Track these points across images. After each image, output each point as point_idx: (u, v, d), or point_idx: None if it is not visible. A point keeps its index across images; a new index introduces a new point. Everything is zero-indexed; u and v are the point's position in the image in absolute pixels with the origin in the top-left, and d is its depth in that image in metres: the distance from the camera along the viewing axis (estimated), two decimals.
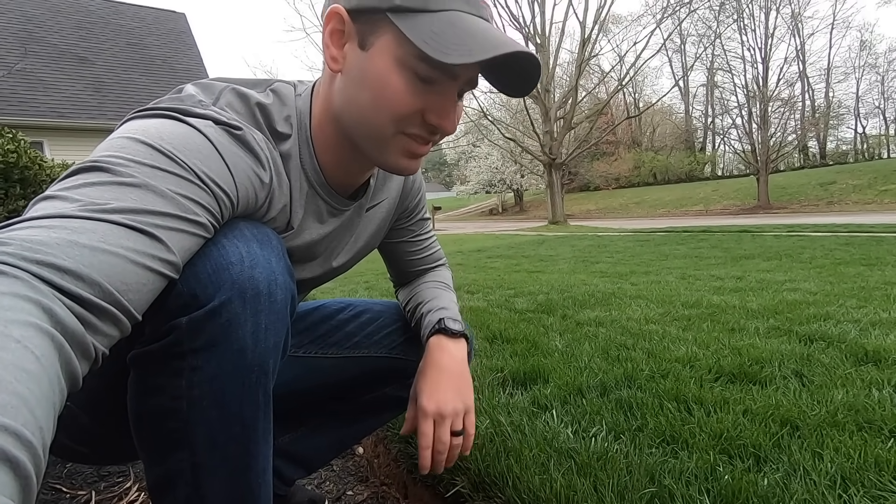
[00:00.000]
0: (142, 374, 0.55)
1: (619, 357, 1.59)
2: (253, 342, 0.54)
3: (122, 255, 0.42)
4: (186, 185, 0.49)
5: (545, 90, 18.35)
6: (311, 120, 0.65)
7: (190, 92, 0.58)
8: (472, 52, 0.52)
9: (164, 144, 0.49)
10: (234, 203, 0.55)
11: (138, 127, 0.51)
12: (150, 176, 0.47)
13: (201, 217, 0.50)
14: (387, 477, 1.23)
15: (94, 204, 0.43)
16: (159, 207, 0.46)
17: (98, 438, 0.68)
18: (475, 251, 8.12)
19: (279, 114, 0.63)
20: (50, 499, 1.11)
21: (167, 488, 0.57)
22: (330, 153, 0.66)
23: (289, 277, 0.58)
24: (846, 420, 1.08)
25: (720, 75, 29.99)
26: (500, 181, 32.78)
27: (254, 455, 0.58)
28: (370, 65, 0.57)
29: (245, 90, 0.61)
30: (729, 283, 3.43)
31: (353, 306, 0.94)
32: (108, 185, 0.45)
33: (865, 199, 20.18)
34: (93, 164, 0.46)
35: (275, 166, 0.61)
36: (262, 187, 0.59)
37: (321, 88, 0.65)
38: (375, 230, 0.82)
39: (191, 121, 0.53)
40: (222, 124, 0.55)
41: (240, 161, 0.55)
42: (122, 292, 0.42)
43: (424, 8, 0.54)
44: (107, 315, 0.41)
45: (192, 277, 0.52)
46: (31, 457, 0.30)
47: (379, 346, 0.90)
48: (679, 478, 0.88)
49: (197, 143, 0.51)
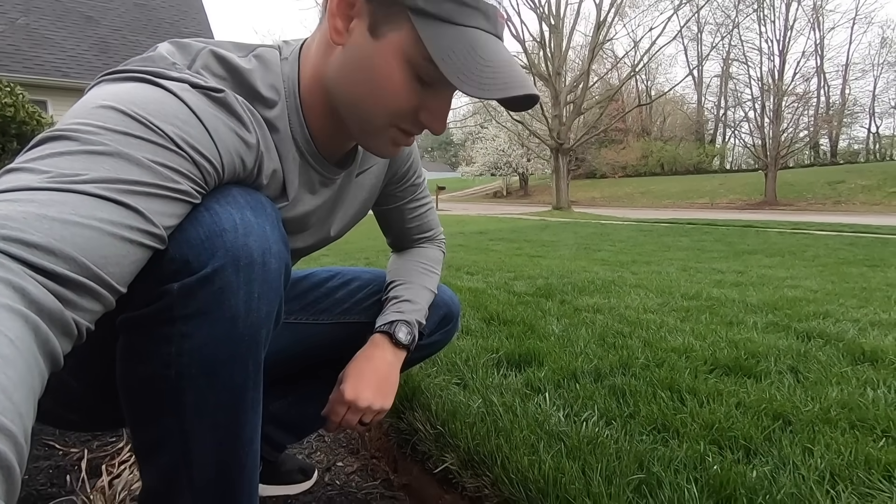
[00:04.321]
0: (130, 339, 0.54)
1: (615, 344, 1.59)
2: (245, 311, 0.53)
3: (97, 228, 0.40)
4: (163, 152, 0.46)
5: (556, 73, 18.05)
6: (299, 85, 0.62)
7: (163, 53, 0.54)
8: (484, 88, 0.52)
9: (136, 110, 0.46)
10: (219, 171, 0.52)
11: (108, 92, 0.48)
12: (122, 144, 0.44)
13: (183, 185, 0.48)
14: (377, 450, 1.24)
15: (63, 175, 0.40)
16: (135, 176, 0.44)
17: (88, 405, 0.67)
18: (477, 233, 8.10)
19: (263, 80, 0.59)
20: (42, 455, 1.12)
21: (154, 452, 0.57)
22: (319, 120, 0.63)
23: (283, 246, 0.57)
24: (839, 417, 1.08)
25: (736, 66, 29.51)
26: (506, 164, 32.50)
27: (242, 424, 0.58)
28: (378, 55, 0.55)
29: (224, 52, 0.57)
30: (730, 276, 3.42)
31: (342, 274, 0.94)
32: (78, 155, 0.42)
33: (873, 201, 20.01)
34: (60, 132, 0.44)
35: (260, 128, 0.58)
36: (249, 151, 0.56)
37: (313, 53, 0.61)
38: (366, 197, 0.81)
39: (165, 83, 0.50)
40: (200, 88, 0.52)
41: (221, 125, 0.52)
42: (101, 266, 0.40)
43: (448, 19, 0.53)
44: (86, 290, 0.39)
45: (183, 243, 0.50)
46: (12, 445, 0.29)
47: (369, 313, 0.90)
48: (668, 466, 0.88)
49: (173, 108, 0.48)
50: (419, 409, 1.12)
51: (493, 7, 0.55)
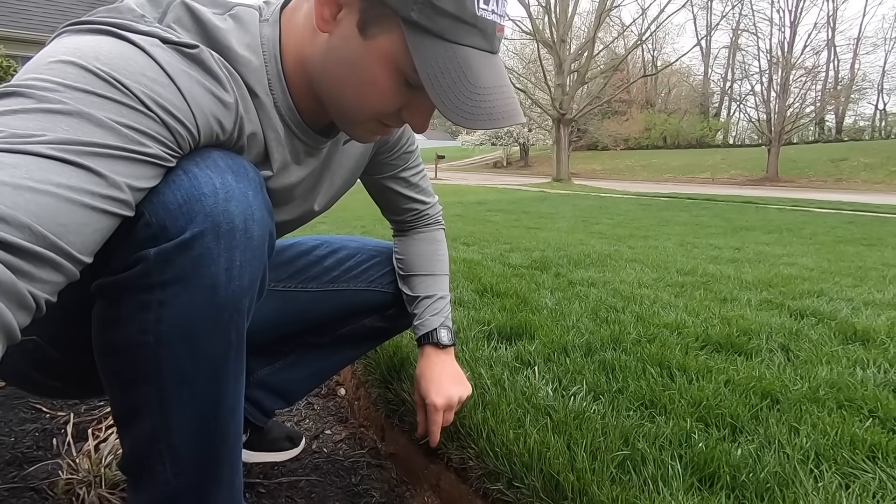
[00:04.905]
0: (107, 305, 0.52)
1: (607, 319, 1.58)
2: (226, 279, 0.51)
3: (53, 193, 0.37)
4: (129, 112, 0.43)
5: (561, 40, 17.59)
6: (281, 51, 0.57)
7: (131, 5, 0.50)
8: (468, 116, 0.51)
9: (99, 66, 0.42)
10: (193, 135, 0.49)
11: (69, 45, 0.44)
12: (84, 103, 0.40)
13: (152, 148, 0.45)
14: (365, 419, 1.24)
15: (15, 135, 0.37)
16: (97, 138, 0.40)
17: (70, 372, 0.65)
18: (476, 203, 8.04)
19: (239, 40, 0.55)
20: (29, 417, 1.12)
21: (133, 419, 0.56)
22: (302, 94, 0.60)
23: (266, 213, 0.54)
24: (827, 397, 1.07)
25: (745, 37, 28.83)
26: (507, 134, 32.02)
27: (223, 393, 0.56)
28: (365, 56, 0.52)
29: (198, 7, 0.53)
30: (727, 253, 3.41)
31: (329, 243, 0.94)
32: (34, 113, 0.39)
33: (875, 179, 19.91)
34: (14, 88, 0.40)
35: (238, 89, 0.54)
36: (228, 112, 0.53)
37: (300, 25, 0.57)
38: (353, 166, 0.78)
39: (133, 37, 0.46)
40: (171, 43, 0.48)
41: (195, 85, 0.49)
42: (60, 235, 0.38)
43: (441, 35, 0.49)
44: (43, 260, 0.37)
45: (160, 207, 0.48)
46: None
47: (357, 280, 0.92)
48: (653, 442, 0.88)
49: (140, 65, 0.45)
50: (407, 380, 1.11)
51: (492, 24, 0.51)
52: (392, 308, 0.96)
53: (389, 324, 0.99)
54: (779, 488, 0.77)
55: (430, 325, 0.89)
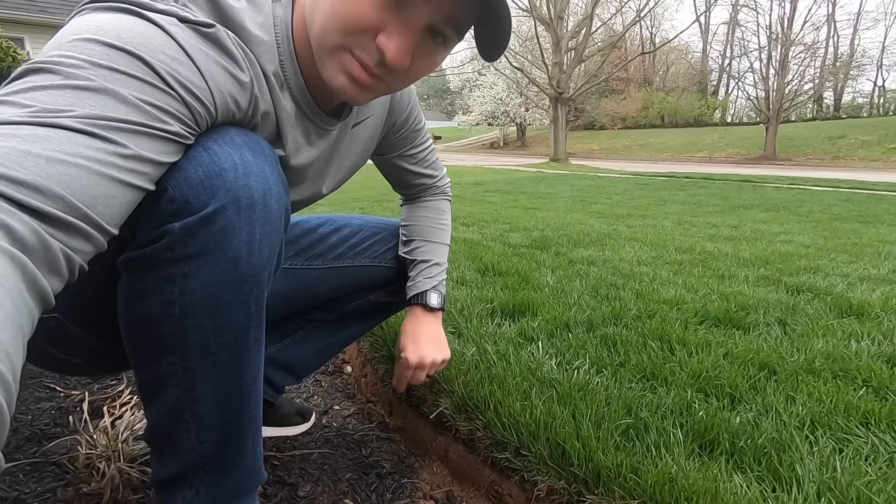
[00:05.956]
0: (133, 279, 0.53)
1: (608, 296, 1.60)
2: (247, 252, 0.52)
3: (84, 166, 0.38)
4: (152, 90, 0.44)
5: (558, 17, 17.31)
6: (293, 34, 0.58)
7: None
8: None
9: (122, 44, 0.43)
10: (211, 113, 0.50)
11: (91, 23, 0.45)
12: (109, 80, 0.41)
13: (173, 126, 0.46)
14: (373, 395, 1.27)
15: (45, 110, 0.38)
16: (122, 115, 0.41)
17: (91, 349, 0.67)
18: (473, 184, 8.01)
19: (252, 20, 0.55)
20: (45, 396, 1.15)
21: (158, 390, 0.58)
22: (312, 68, 0.59)
23: (283, 189, 0.56)
24: (822, 368, 1.11)
25: (744, 13, 28.38)
26: (504, 114, 31.69)
27: (245, 363, 0.58)
28: None
29: None
30: (724, 231, 3.43)
31: (333, 221, 0.96)
32: (62, 89, 0.40)
33: (872, 156, 19.87)
34: (42, 65, 0.41)
35: (252, 68, 0.55)
36: (243, 91, 0.54)
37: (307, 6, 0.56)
38: (362, 149, 0.79)
39: (152, 16, 0.46)
40: (189, 22, 0.48)
41: (213, 64, 0.49)
42: (91, 206, 0.39)
43: None
44: (75, 230, 0.38)
45: (183, 183, 0.49)
46: (0, 384, 0.28)
47: (362, 257, 0.94)
48: (655, 411, 0.91)
49: (160, 43, 0.45)
50: None
51: None
52: (396, 283, 0.98)
53: (394, 298, 1.01)
54: (776, 453, 0.80)
55: (421, 287, 0.91)
